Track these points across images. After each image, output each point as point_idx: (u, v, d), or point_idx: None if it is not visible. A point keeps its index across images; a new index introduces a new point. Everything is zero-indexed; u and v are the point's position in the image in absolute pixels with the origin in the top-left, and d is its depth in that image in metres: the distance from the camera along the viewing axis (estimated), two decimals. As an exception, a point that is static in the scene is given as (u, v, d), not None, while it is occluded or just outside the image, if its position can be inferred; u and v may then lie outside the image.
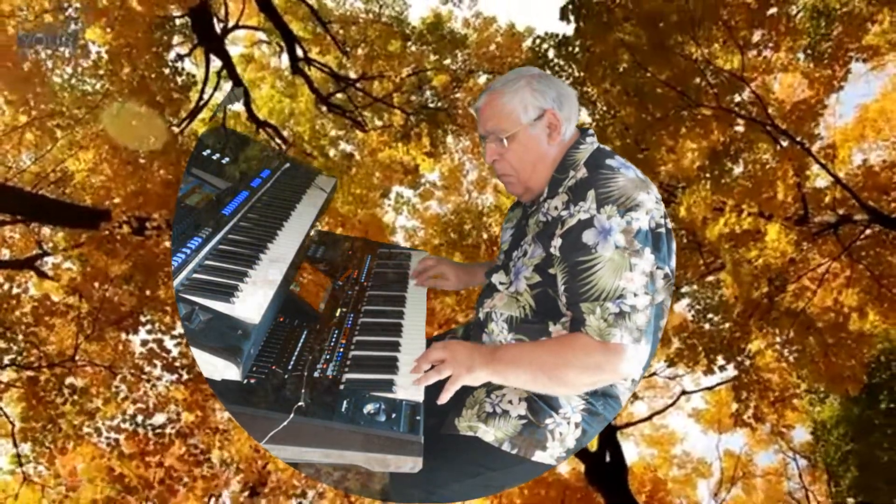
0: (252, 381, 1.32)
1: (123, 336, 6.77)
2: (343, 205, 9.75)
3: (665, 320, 1.56)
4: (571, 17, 6.16)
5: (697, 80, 6.34)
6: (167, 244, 6.43)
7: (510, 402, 1.52)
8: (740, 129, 6.79)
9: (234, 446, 8.38)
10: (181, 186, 1.80)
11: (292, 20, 9.61)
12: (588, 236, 1.34)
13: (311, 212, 2.03)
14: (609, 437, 9.89)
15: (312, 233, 2.06)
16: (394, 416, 1.29)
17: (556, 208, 1.46)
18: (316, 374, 1.41)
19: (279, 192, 2.09)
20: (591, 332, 1.33)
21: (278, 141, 9.71)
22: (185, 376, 6.42)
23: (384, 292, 1.90)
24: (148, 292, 6.50)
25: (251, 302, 1.35)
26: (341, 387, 1.37)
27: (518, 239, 1.59)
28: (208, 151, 2.00)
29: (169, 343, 6.42)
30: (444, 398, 1.38)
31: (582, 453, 9.59)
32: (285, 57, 9.45)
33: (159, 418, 6.67)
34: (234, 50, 10.62)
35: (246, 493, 8.44)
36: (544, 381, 1.38)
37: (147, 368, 6.53)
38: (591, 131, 1.57)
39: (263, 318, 1.32)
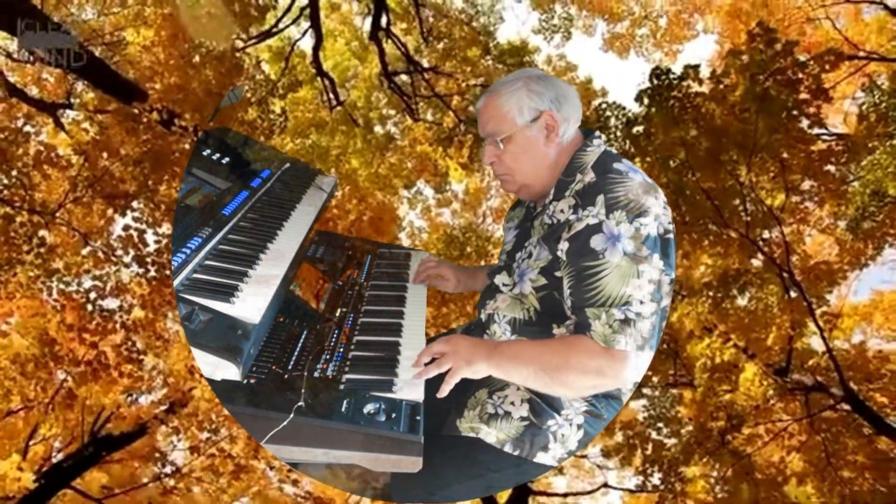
0: (252, 381, 1.32)
1: (110, 212, 6.75)
2: (366, 181, 9.76)
3: (665, 322, 1.53)
4: (645, 100, 6.22)
5: (736, 201, 6.38)
6: (186, 146, 6.43)
7: (512, 403, 1.51)
8: (758, 263, 6.82)
9: (171, 359, 8.31)
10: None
11: (390, -11, 9.67)
12: (596, 242, 1.33)
13: (311, 212, 2.02)
14: (520, 498, 9.82)
15: (312, 233, 2.05)
16: (394, 415, 1.28)
17: (562, 211, 1.44)
18: (316, 374, 1.41)
19: (279, 192, 2.09)
20: (597, 337, 1.32)
21: (331, 95, 9.75)
22: (152, 273, 6.39)
23: (384, 292, 1.90)
24: (150, 183, 6.48)
25: (251, 302, 1.35)
26: (341, 387, 1.37)
27: (522, 240, 1.57)
28: (209, 151, 1.99)
29: (149, 237, 6.40)
30: (444, 391, 1.36)
31: (487, 501, 9.52)
32: (369, 21, 9.51)
33: (111, 303, 6.63)
34: (326, -6, 10.68)
35: (163, 408, 8.35)
36: (546, 380, 1.37)
37: (119, 252, 6.51)
38: (597, 133, 1.54)
39: (263, 318, 1.32)
